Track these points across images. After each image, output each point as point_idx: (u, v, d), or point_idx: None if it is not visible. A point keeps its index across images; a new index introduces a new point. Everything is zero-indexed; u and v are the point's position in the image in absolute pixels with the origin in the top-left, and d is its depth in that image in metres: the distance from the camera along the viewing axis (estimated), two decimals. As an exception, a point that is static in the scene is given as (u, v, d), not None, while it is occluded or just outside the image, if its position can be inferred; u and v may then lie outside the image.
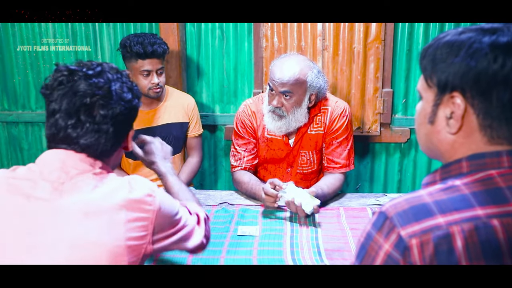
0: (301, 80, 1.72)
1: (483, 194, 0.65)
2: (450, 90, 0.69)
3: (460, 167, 0.70)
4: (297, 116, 1.78)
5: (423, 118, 0.76)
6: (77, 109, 0.90)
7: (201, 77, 2.50)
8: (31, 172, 0.92)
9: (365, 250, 0.70)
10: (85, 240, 0.85)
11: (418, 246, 0.63)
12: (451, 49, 0.69)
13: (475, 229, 0.62)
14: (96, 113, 0.91)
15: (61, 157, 0.92)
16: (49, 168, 0.91)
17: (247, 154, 1.93)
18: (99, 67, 0.96)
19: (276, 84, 1.72)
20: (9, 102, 2.62)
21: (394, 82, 2.39)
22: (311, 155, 1.90)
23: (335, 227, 1.55)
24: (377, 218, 0.69)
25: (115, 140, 0.96)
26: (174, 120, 2.11)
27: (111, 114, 0.92)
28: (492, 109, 0.67)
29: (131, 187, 0.92)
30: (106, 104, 0.92)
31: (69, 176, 0.90)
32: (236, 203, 1.76)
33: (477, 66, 0.66)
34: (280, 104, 1.75)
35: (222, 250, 1.40)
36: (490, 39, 0.67)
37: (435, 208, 0.65)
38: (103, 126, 0.92)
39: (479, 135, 0.69)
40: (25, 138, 2.67)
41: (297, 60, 1.75)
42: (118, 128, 0.95)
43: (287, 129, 1.81)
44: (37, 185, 0.89)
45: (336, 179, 1.85)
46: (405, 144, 2.50)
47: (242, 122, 1.93)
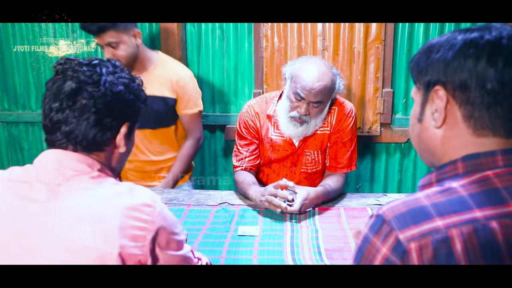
0: (332, 88, 1.71)
1: (481, 196, 0.65)
2: (433, 85, 0.73)
3: (456, 168, 0.70)
4: (318, 121, 1.78)
5: (414, 118, 0.79)
6: (62, 93, 0.89)
7: (201, 77, 2.50)
8: (27, 173, 0.90)
9: (362, 253, 0.69)
10: (78, 245, 0.83)
11: (417, 250, 0.63)
12: (433, 49, 0.74)
13: (474, 231, 0.61)
14: (79, 99, 0.89)
15: (57, 157, 0.90)
16: (45, 169, 0.89)
17: (248, 155, 1.92)
18: (98, 60, 0.95)
19: (309, 94, 1.68)
20: (9, 102, 2.62)
21: (394, 82, 2.39)
22: (316, 155, 1.89)
23: (335, 227, 1.55)
24: (374, 221, 0.69)
25: (99, 130, 0.91)
26: (155, 93, 1.99)
27: (93, 103, 0.89)
28: (472, 99, 0.69)
29: (131, 194, 0.89)
30: (91, 92, 0.89)
31: (65, 178, 0.88)
32: (236, 203, 1.76)
33: (454, 58, 0.70)
34: (308, 112, 1.73)
35: (222, 250, 1.40)
36: (464, 35, 0.71)
37: (433, 211, 0.65)
38: (85, 113, 0.89)
39: (464, 127, 0.70)
40: (25, 138, 2.68)
41: (325, 67, 1.71)
42: (102, 119, 0.91)
43: (305, 134, 1.81)
44: (33, 187, 0.88)
45: (339, 178, 1.86)
46: (405, 144, 2.50)
47: (245, 123, 1.91)
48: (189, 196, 1.82)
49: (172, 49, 2.34)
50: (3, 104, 2.63)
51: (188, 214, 1.65)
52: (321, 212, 1.67)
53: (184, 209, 1.69)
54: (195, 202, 1.76)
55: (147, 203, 0.89)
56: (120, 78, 0.94)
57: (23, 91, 2.58)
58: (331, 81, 1.69)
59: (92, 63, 0.93)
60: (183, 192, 1.89)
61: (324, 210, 1.69)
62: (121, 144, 0.97)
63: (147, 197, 0.90)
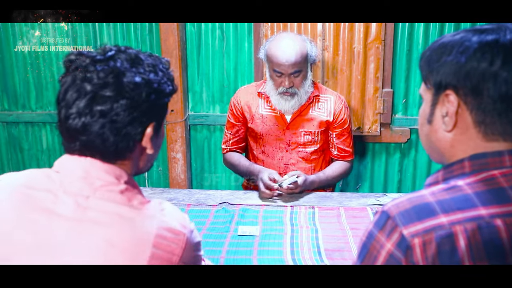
0: (305, 55, 1.80)
1: (486, 194, 0.65)
2: (444, 89, 0.71)
3: (463, 167, 0.70)
4: (306, 88, 1.87)
5: (423, 119, 0.78)
6: (77, 99, 0.79)
7: (201, 77, 2.50)
8: (50, 181, 0.81)
9: (367, 249, 0.70)
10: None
11: (420, 245, 0.63)
12: (445, 49, 0.72)
13: (478, 228, 0.62)
14: (96, 105, 0.79)
15: (84, 166, 0.81)
16: (71, 178, 0.81)
17: (232, 137, 2.04)
18: (113, 51, 0.83)
19: (285, 67, 1.78)
20: (9, 102, 2.62)
21: (394, 82, 2.39)
22: (316, 135, 1.96)
23: (335, 227, 1.55)
24: (379, 217, 0.69)
25: (121, 139, 0.82)
26: None
27: (110, 109, 0.79)
28: (484, 105, 0.68)
29: (161, 217, 0.82)
30: (108, 97, 0.79)
31: (93, 188, 0.80)
32: (236, 203, 1.76)
33: (467, 63, 0.68)
34: (292, 84, 1.82)
35: (222, 250, 1.40)
36: (479, 37, 0.69)
37: (438, 207, 0.65)
38: (104, 121, 0.79)
39: (474, 132, 0.70)
40: (25, 138, 2.67)
41: (293, 38, 1.82)
42: (123, 126, 0.81)
43: (300, 104, 1.89)
44: (58, 199, 0.79)
45: (343, 165, 2.00)
46: (405, 144, 2.50)
47: (231, 106, 2.03)
48: (189, 196, 1.82)
49: (172, 49, 2.35)
50: (3, 104, 2.63)
51: (188, 214, 1.65)
52: (321, 212, 1.67)
53: (184, 209, 1.69)
54: (195, 202, 1.76)
55: (177, 229, 0.82)
56: (139, 74, 0.82)
57: (23, 91, 2.58)
58: (301, 49, 1.79)
59: (107, 56, 0.81)
60: (183, 192, 1.89)
61: (324, 210, 1.69)
62: (148, 146, 0.87)
63: (177, 221, 0.84)
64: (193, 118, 2.55)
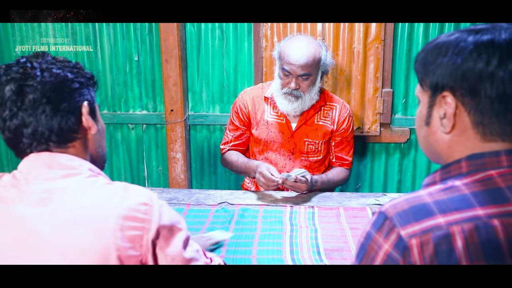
0: (317, 60, 1.77)
1: (483, 194, 0.65)
2: (441, 90, 0.71)
3: (460, 167, 0.70)
4: (312, 94, 1.84)
5: (420, 121, 0.78)
6: (6, 100, 0.85)
7: (201, 77, 2.50)
8: (16, 179, 0.86)
9: (365, 250, 0.70)
10: (74, 250, 0.80)
11: (418, 246, 0.63)
12: (440, 50, 0.71)
13: (476, 229, 0.62)
14: (25, 97, 0.85)
15: (45, 160, 0.87)
16: (34, 173, 0.86)
17: (233, 139, 2.03)
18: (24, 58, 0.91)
19: (294, 67, 1.75)
20: (9, 102, 2.62)
21: (394, 82, 2.39)
22: (320, 145, 1.96)
23: (335, 226, 1.56)
24: (377, 218, 0.69)
25: (61, 118, 0.87)
26: None
27: (40, 94, 0.85)
28: (482, 105, 0.68)
29: (125, 194, 0.85)
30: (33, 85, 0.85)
31: (56, 180, 0.85)
32: (236, 202, 1.76)
33: (463, 64, 0.68)
34: (298, 86, 1.79)
35: (221, 250, 1.40)
36: (474, 38, 0.68)
37: (435, 208, 0.65)
38: (39, 107, 0.85)
39: (472, 133, 0.70)
40: (25, 138, 2.67)
41: (309, 41, 1.79)
42: (57, 106, 0.87)
43: (302, 109, 1.87)
44: (23, 193, 0.84)
45: (343, 171, 2.00)
46: (405, 144, 2.50)
47: (237, 108, 2.00)
48: (188, 196, 1.82)
49: (172, 49, 2.35)
50: (3, 104, 2.63)
51: (188, 214, 1.65)
52: (320, 212, 1.67)
53: (184, 209, 1.69)
54: (195, 201, 1.76)
55: (143, 201, 0.85)
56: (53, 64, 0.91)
57: (23, 91, 2.58)
58: (315, 54, 1.76)
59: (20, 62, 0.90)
60: (183, 191, 1.89)
61: (324, 210, 1.69)
62: (90, 124, 0.93)
63: (142, 195, 0.86)
64: (193, 118, 2.55)
